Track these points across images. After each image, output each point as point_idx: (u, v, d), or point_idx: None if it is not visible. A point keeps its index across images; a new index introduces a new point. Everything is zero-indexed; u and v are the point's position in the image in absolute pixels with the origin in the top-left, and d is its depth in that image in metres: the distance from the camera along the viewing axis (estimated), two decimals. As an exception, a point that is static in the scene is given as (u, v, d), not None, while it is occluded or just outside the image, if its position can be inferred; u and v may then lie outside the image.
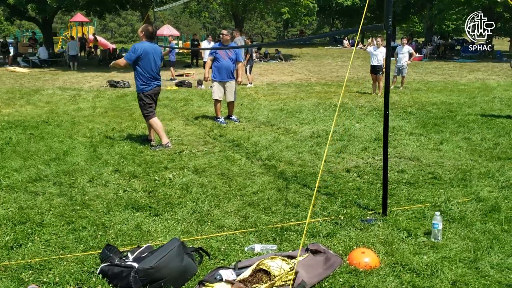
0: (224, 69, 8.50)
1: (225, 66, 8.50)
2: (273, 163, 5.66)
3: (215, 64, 8.52)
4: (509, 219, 3.73)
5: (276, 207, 4.08)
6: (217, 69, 8.51)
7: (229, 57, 8.54)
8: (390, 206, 4.09)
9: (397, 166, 5.54)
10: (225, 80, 8.59)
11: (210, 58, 8.57)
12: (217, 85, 8.57)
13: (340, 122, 8.54)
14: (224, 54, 8.52)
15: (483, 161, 5.66)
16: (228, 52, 8.59)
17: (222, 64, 8.48)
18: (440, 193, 4.42)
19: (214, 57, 8.51)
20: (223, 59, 8.48)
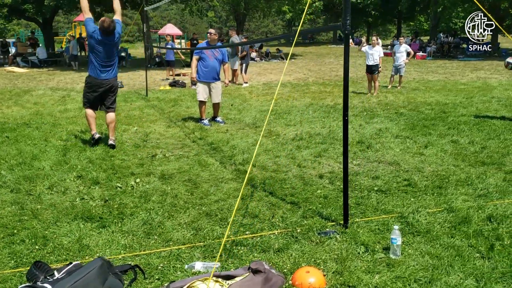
0: (210, 70, 8.29)
1: (211, 67, 8.29)
2: (246, 168, 5.43)
3: (200, 64, 8.31)
4: (478, 232, 3.47)
5: (234, 218, 3.84)
6: (202, 69, 8.30)
7: (215, 57, 8.33)
8: (354, 217, 3.84)
9: (374, 171, 5.28)
10: (210, 81, 8.38)
11: (196, 58, 8.35)
12: (202, 86, 8.37)
13: (327, 123, 8.29)
14: (211, 54, 8.30)
15: (465, 166, 5.39)
16: (215, 53, 8.38)
17: (208, 64, 8.27)
18: (410, 203, 4.16)
19: (200, 57, 8.29)
20: (209, 59, 8.27)
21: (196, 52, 8.38)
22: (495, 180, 4.84)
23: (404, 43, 14.28)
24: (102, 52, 6.21)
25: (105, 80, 6.33)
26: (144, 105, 10.77)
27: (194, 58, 8.36)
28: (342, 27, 3.37)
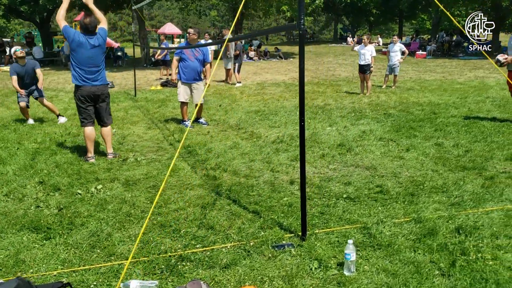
0: (191, 70, 8.09)
1: (191, 67, 8.09)
2: (217, 173, 5.23)
3: (181, 65, 8.11)
4: (443, 246, 3.24)
5: (188, 229, 3.64)
6: (183, 69, 8.10)
7: (196, 57, 8.12)
8: (315, 228, 3.62)
9: (349, 176, 5.06)
10: (191, 82, 8.18)
11: (176, 59, 8.14)
12: (183, 87, 8.17)
13: (312, 125, 8.07)
14: (191, 54, 8.09)
15: (444, 172, 5.16)
16: (195, 53, 8.17)
17: (189, 65, 8.07)
18: (378, 212, 3.94)
19: (180, 57, 8.08)
20: (189, 59, 8.06)
21: (177, 53, 8.17)
22: (473, 186, 4.61)
23: (398, 42, 14.01)
24: (86, 57, 5.59)
25: (94, 87, 5.69)
26: (130, 106, 10.59)
27: (174, 59, 8.15)
28: (297, 27, 3.14)
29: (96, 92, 5.72)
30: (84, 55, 5.57)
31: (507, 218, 3.75)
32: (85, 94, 5.64)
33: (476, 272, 2.91)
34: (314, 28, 79.59)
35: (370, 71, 11.85)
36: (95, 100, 5.77)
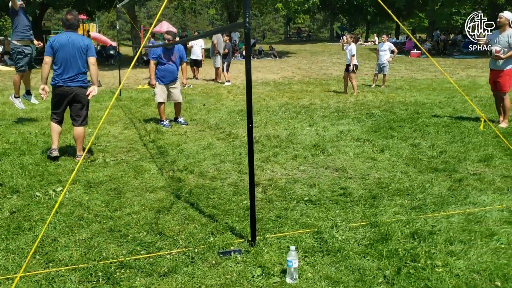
0: (169, 73, 8.04)
1: (169, 70, 8.04)
2: (183, 175, 5.13)
3: (159, 68, 8.01)
4: (393, 252, 3.14)
5: (136, 234, 3.54)
6: (161, 73, 8.01)
7: (173, 61, 8.05)
8: (268, 232, 3.52)
9: (316, 178, 4.97)
10: (169, 82, 8.11)
11: (154, 63, 8.00)
12: (160, 87, 8.07)
13: (292, 125, 7.97)
14: (168, 58, 8.01)
15: (414, 173, 5.06)
16: (172, 56, 8.09)
17: (166, 68, 8.01)
18: (335, 215, 3.84)
19: (158, 61, 7.99)
20: (167, 63, 7.98)
21: (154, 57, 8.02)
22: (440, 189, 4.51)
23: (387, 41, 13.91)
24: (62, 56, 5.55)
25: (67, 88, 5.62)
26: (113, 105, 10.47)
27: (152, 63, 7.98)
28: (243, 25, 3.04)
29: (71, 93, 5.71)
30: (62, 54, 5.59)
31: (466, 223, 3.65)
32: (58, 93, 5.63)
33: (421, 280, 2.81)
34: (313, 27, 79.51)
35: (352, 70, 11.74)
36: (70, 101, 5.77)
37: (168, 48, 8.00)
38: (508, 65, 7.37)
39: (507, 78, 7.42)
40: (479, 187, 4.55)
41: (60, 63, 5.60)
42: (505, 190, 4.42)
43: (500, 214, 3.81)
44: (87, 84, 5.92)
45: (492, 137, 6.77)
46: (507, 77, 7.41)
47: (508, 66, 7.36)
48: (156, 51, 8.06)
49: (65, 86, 5.60)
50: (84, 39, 5.77)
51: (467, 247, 3.23)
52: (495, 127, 7.47)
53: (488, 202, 4.11)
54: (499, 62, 7.44)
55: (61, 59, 5.59)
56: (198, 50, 15.66)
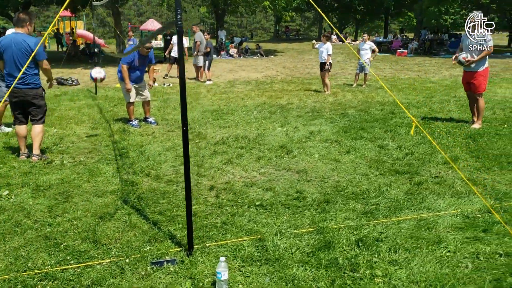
0: (138, 75, 7.91)
1: (138, 75, 7.92)
2: (138, 178, 4.97)
3: (130, 70, 7.83)
4: (333, 261, 3.01)
5: (70, 243, 3.38)
6: (131, 75, 7.84)
7: (143, 64, 7.91)
8: (209, 240, 3.37)
9: (275, 181, 4.83)
10: (138, 83, 7.96)
11: (127, 67, 7.78)
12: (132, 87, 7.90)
13: (264, 125, 7.83)
14: (140, 63, 7.87)
15: (375, 176, 4.93)
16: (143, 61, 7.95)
17: (136, 72, 7.86)
18: (283, 221, 3.70)
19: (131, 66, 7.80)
20: (138, 67, 7.84)
21: (128, 62, 7.77)
22: (397, 192, 4.39)
23: (368, 40, 13.80)
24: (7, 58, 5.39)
25: (17, 90, 5.43)
26: (86, 104, 10.28)
27: (124, 67, 7.72)
28: (175, 23, 2.89)
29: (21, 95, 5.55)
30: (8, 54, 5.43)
31: (416, 229, 3.53)
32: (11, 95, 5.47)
33: (355, 292, 2.67)
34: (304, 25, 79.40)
35: (327, 69, 11.63)
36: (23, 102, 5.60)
37: (143, 55, 7.83)
38: (481, 66, 7.28)
39: (482, 79, 7.33)
40: (437, 190, 4.44)
41: (6, 64, 5.45)
42: (463, 194, 4.31)
43: (453, 220, 3.69)
44: (38, 85, 5.73)
45: (462, 138, 6.68)
46: (482, 78, 7.32)
47: (482, 67, 7.27)
48: (130, 56, 7.85)
49: (15, 88, 5.42)
50: (29, 39, 5.44)
51: (411, 255, 3.11)
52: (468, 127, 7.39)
53: (444, 206, 4.00)
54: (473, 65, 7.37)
55: (7, 61, 5.44)
56: (180, 48, 15.45)
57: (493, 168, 5.17)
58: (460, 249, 3.22)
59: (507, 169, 5.12)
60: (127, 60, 7.66)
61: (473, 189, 4.10)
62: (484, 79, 7.40)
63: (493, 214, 3.62)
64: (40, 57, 5.50)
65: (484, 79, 7.40)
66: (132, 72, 7.77)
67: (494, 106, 9.68)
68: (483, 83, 7.43)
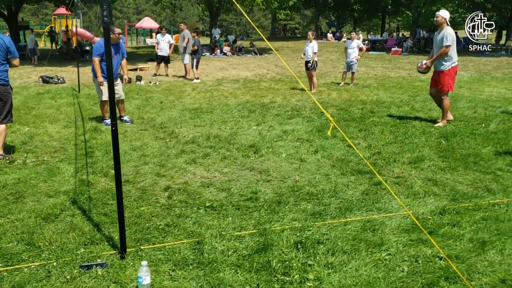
0: (114, 69, 7.73)
1: (114, 66, 7.73)
2: (95, 178, 4.90)
3: (103, 64, 7.70)
4: (266, 264, 2.92)
5: (5, 245, 3.31)
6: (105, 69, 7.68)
7: (116, 56, 7.79)
8: (148, 242, 3.29)
9: (233, 181, 4.75)
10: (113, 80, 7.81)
11: (98, 59, 7.67)
12: (105, 85, 7.79)
13: (240, 124, 7.75)
14: (113, 53, 7.72)
15: (335, 176, 4.85)
16: (116, 52, 7.83)
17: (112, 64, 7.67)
18: (227, 223, 3.61)
19: (103, 58, 7.67)
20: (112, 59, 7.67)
21: (98, 54, 7.67)
22: (353, 193, 4.31)
23: (356, 38, 13.70)
24: None
25: None
26: (66, 103, 10.21)
27: (96, 59, 7.63)
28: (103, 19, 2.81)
29: None
30: None
31: (361, 231, 3.45)
32: None
33: (280, 297, 2.59)
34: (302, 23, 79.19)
35: (314, 67, 11.53)
36: None
37: (113, 44, 7.72)
38: (446, 66, 7.20)
39: (447, 79, 7.25)
40: (395, 190, 4.35)
41: None
42: (420, 195, 4.23)
43: (400, 221, 3.61)
44: (7, 82, 5.68)
45: (435, 137, 6.59)
46: (447, 78, 7.25)
47: (447, 67, 7.19)
48: (99, 47, 7.75)
49: None
50: (4, 37, 5.57)
51: (348, 258, 3.03)
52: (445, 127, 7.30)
53: (396, 207, 3.91)
54: (436, 64, 7.29)
55: None
56: (165, 46, 15.39)
57: (458, 168, 5.08)
58: (401, 251, 3.13)
59: (472, 169, 5.03)
60: (98, 52, 7.55)
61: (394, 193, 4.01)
62: (450, 79, 7.32)
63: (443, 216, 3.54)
64: (15, 54, 5.58)
65: (449, 78, 7.31)
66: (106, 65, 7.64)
67: (477, 105, 9.59)
68: (447, 83, 7.34)
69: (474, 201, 4.05)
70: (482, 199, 4.09)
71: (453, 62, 7.20)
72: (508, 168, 5.05)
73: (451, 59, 7.16)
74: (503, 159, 5.35)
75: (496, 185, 4.50)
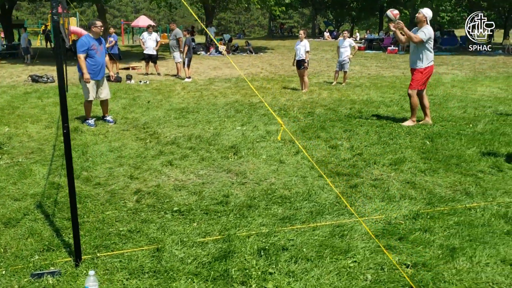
0: (100, 66, 7.60)
1: (100, 63, 7.61)
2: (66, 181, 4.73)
3: (89, 61, 7.54)
4: (224, 273, 2.80)
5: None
6: (91, 66, 7.55)
7: (101, 52, 7.63)
8: (107, 249, 3.17)
9: (208, 184, 4.64)
10: (100, 78, 7.71)
11: (84, 56, 7.50)
12: (93, 84, 7.64)
13: (224, 125, 7.63)
14: (98, 49, 7.58)
15: (313, 178, 4.74)
16: (101, 47, 7.67)
17: (97, 61, 7.57)
18: (193, 228, 3.49)
19: (88, 54, 7.51)
20: (96, 55, 7.54)
21: (83, 50, 7.52)
22: (328, 196, 4.19)
23: (348, 37, 13.57)
24: None
25: None
26: (52, 102, 10.09)
27: (81, 56, 7.46)
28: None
29: None
30: None
31: (330, 236, 3.32)
32: None
33: (233, 308, 2.47)
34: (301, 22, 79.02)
35: (305, 66, 11.39)
36: None
37: (96, 38, 7.59)
38: (423, 64, 7.10)
39: (420, 76, 7.17)
40: (370, 194, 4.23)
41: None
42: (396, 198, 4.10)
43: (371, 226, 3.49)
44: None
45: (420, 138, 6.47)
46: (419, 75, 7.18)
47: (423, 65, 7.08)
48: (84, 43, 7.58)
49: None
50: None
51: (312, 266, 2.90)
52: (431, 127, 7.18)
53: (369, 211, 3.79)
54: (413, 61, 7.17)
55: None
56: (152, 44, 15.28)
57: (439, 170, 4.96)
58: (367, 259, 3.01)
59: (453, 171, 4.91)
60: (82, 48, 7.40)
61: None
62: (422, 76, 7.20)
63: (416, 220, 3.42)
64: None
65: (422, 76, 7.20)
66: (92, 61, 7.47)
67: (467, 105, 9.47)
68: (418, 80, 7.23)
69: (451, 204, 3.93)
70: (459, 203, 3.97)
71: (430, 61, 7.10)
72: (490, 170, 4.93)
73: (428, 57, 7.06)
74: (486, 161, 5.22)
75: (475, 188, 4.38)
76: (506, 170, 4.95)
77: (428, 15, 7.06)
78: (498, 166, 5.05)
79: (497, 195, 4.16)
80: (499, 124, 7.36)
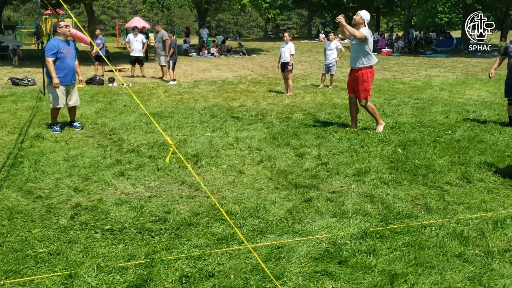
0: (70, 70, 7.31)
1: (71, 66, 7.32)
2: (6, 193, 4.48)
3: (59, 65, 7.24)
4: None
5: None
6: (61, 70, 7.25)
7: (71, 55, 7.35)
8: (16, 275, 2.87)
9: (154, 198, 4.34)
10: (70, 83, 7.41)
11: (52, 59, 7.20)
12: (63, 91, 7.34)
13: (194, 131, 7.34)
14: (68, 52, 7.30)
15: (268, 190, 4.46)
16: (70, 49, 7.39)
17: (68, 65, 7.28)
18: (118, 251, 3.19)
19: (57, 57, 7.21)
20: (67, 58, 7.25)
21: (52, 54, 7.21)
22: (277, 211, 3.91)
23: (335, 39, 13.28)
24: None
25: None
26: (26, 106, 9.81)
27: (49, 60, 7.14)
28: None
29: None
30: None
31: (264, 259, 3.03)
32: None
33: None
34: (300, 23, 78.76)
35: (290, 69, 11.10)
36: None
37: (64, 40, 7.30)
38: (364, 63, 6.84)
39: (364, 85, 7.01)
40: (323, 209, 3.93)
41: None
42: (348, 214, 3.81)
43: (314, 247, 3.19)
44: None
45: (393, 146, 6.18)
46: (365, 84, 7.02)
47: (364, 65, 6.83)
48: (52, 46, 7.28)
49: None
50: None
51: (234, 296, 2.60)
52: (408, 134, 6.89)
53: (316, 229, 3.50)
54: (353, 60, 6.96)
55: None
56: (138, 46, 15.01)
57: (404, 181, 4.66)
58: (301, 286, 2.71)
59: (418, 183, 4.62)
60: (51, 52, 7.10)
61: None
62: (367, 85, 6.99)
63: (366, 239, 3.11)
64: None
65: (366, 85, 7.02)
66: (62, 66, 7.17)
67: (451, 109, 9.20)
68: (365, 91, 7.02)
69: (406, 221, 3.63)
70: (415, 220, 3.67)
71: (371, 62, 6.81)
72: (457, 182, 4.64)
73: (369, 58, 6.78)
74: (455, 172, 4.93)
75: (437, 202, 4.08)
76: (475, 181, 4.65)
77: (366, 17, 6.86)
78: (467, 177, 4.75)
79: (458, 211, 3.86)
80: (479, 130, 7.07)
